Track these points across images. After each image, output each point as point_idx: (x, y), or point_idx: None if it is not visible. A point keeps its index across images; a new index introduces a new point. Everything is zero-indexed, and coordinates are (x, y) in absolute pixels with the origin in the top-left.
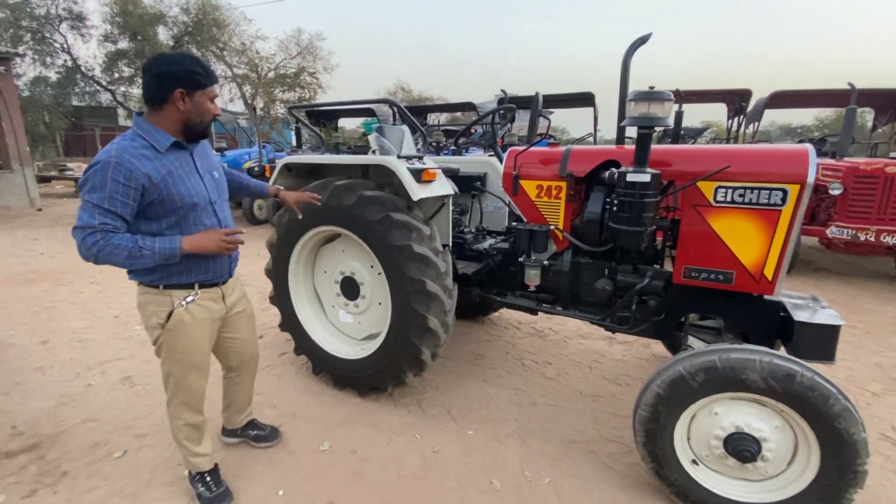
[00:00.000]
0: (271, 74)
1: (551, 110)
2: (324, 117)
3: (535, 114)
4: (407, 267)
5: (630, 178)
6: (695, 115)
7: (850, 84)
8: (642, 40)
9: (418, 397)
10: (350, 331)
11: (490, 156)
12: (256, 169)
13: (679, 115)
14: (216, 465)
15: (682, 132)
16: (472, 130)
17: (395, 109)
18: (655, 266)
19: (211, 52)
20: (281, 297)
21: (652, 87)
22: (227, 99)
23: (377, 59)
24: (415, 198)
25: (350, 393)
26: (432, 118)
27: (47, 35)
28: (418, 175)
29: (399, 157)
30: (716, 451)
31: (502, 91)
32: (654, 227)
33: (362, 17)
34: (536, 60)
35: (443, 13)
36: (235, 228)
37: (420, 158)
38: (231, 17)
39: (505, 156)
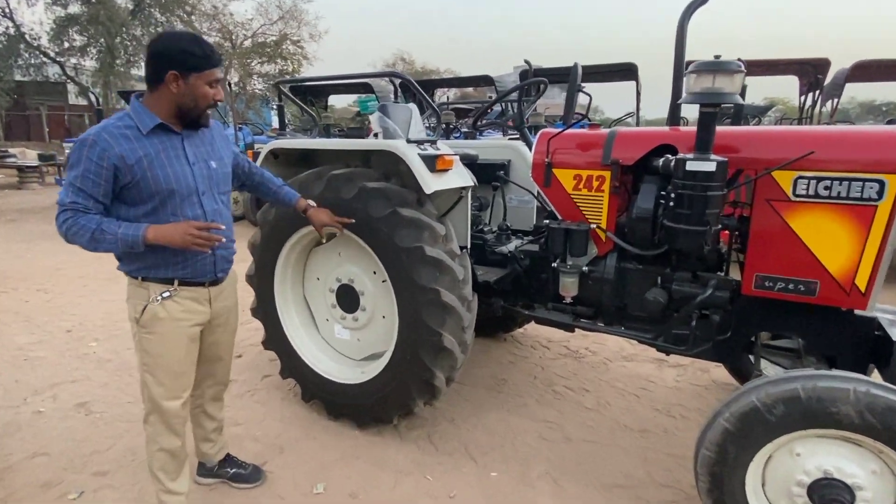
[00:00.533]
0: (248, 43)
1: (583, 85)
2: (311, 94)
3: (573, 89)
4: (417, 273)
5: (691, 166)
6: (756, 90)
7: None
8: (701, 1)
9: (429, 430)
10: (347, 349)
11: (512, 139)
12: None
13: (742, 91)
14: None
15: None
16: (490, 109)
17: (400, 85)
18: (719, 274)
19: (177, 16)
20: (265, 309)
21: (718, 57)
22: None
23: (372, 26)
24: (428, 190)
25: (347, 424)
26: (439, 95)
27: None
28: (432, 163)
29: (408, 141)
30: (798, 500)
31: (526, 62)
32: (720, 226)
33: None
34: (556, 30)
35: None
36: (213, 223)
37: (433, 143)
38: None
39: (535, 140)
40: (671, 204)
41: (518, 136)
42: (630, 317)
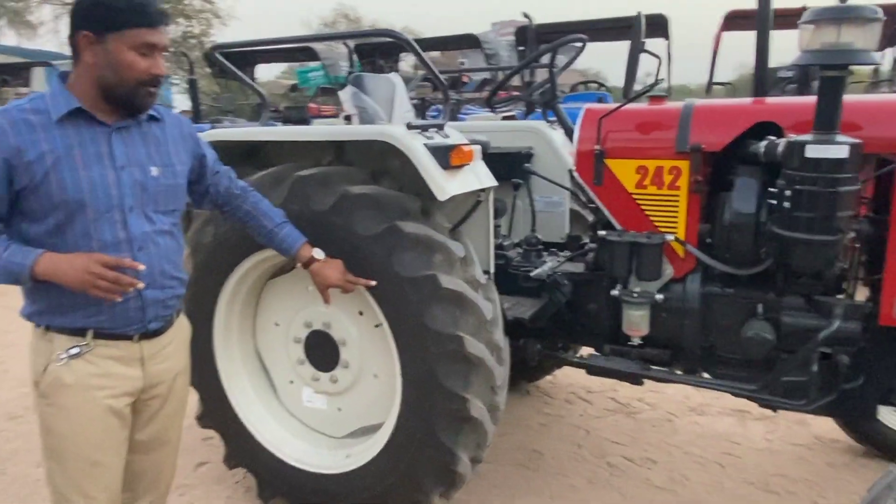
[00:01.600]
0: None
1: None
2: (233, 64)
3: (636, 49)
4: (430, 314)
5: (812, 152)
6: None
7: None
8: None
9: None
10: (322, 423)
11: (507, 118)
12: None
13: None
14: None
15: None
16: (467, 78)
17: (356, 49)
18: (844, 298)
19: None
20: (201, 371)
21: (844, 1)
22: (64, 36)
23: None
24: (442, 196)
25: None
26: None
27: None
28: (444, 157)
29: (408, 126)
30: None
31: (525, 15)
32: (855, 233)
33: None
34: None
35: None
36: (126, 260)
37: (440, 127)
38: None
39: (579, 120)
40: (785, 205)
41: (509, 113)
42: (721, 360)
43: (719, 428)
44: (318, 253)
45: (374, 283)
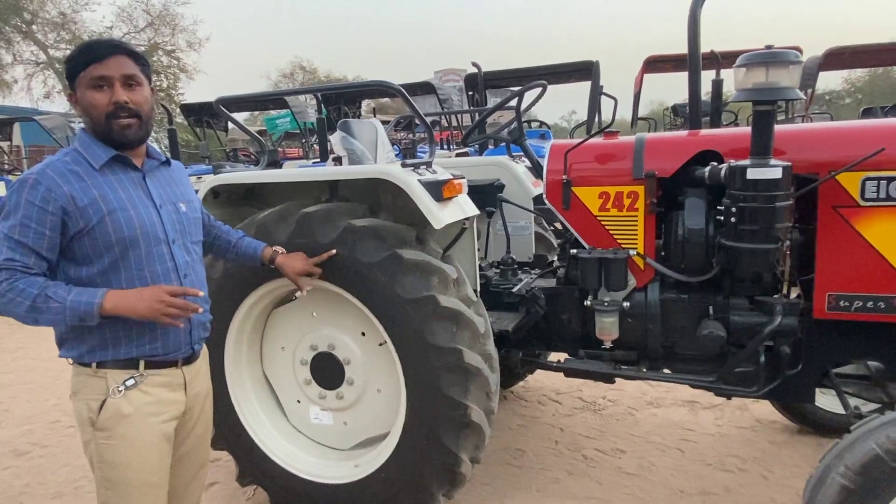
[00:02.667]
0: None
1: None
2: (207, 114)
3: (595, 91)
4: (430, 330)
5: (752, 174)
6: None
7: None
8: None
9: None
10: (330, 438)
11: (460, 154)
12: None
13: (718, 86)
14: None
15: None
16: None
17: (324, 98)
18: (783, 297)
19: (13, 26)
20: (213, 394)
21: (769, 47)
22: (38, 93)
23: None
24: (437, 224)
25: None
26: (366, 108)
27: None
28: (437, 190)
29: (403, 164)
30: None
31: (474, 64)
32: (789, 241)
33: None
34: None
35: None
36: (189, 289)
37: (429, 165)
38: None
39: (546, 154)
40: (731, 220)
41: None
42: (680, 357)
43: (675, 418)
44: (278, 249)
45: (334, 251)
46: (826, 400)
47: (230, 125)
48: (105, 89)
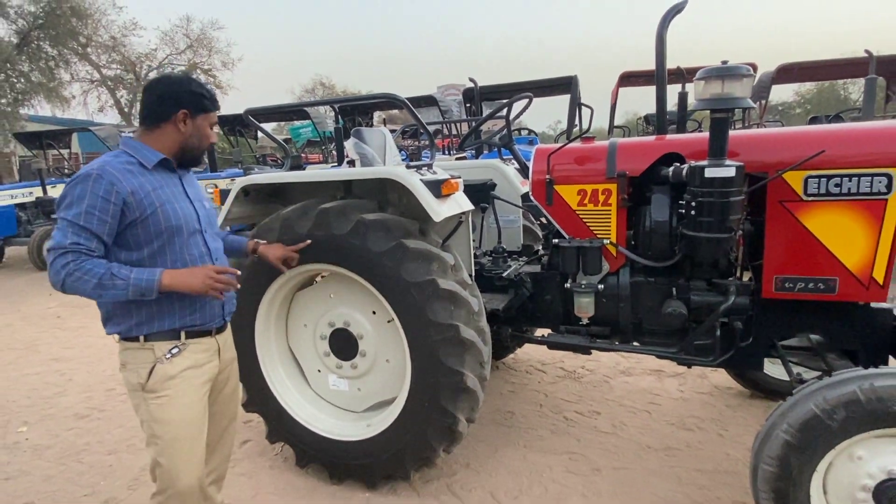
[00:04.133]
0: (153, 74)
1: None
2: (239, 124)
3: (574, 102)
4: (432, 309)
5: (710, 173)
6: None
7: (867, 51)
8: (677, 9)
9: (447, 481)
10: (346, 402)
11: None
12: None
13: (683, 98)
14: None
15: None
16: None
17: (341, 110)
18: (736, 279)
19: (70, 49)
20: (246, 365)
21: (725, 62)
22: (93, 108)
23: (288, 51)
24: (437, 218)
25: (355, 487)
26: (377, 119)
27: None
28: (437, 188)
29: (408, 166)
30: None
31: (471, 80)
32: (741, 231)
33: (267, 3)
34: (478, 46)
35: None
36: (228, 267)
37: (430, 167)
38: (95, 6)
39: (532, 157)
40: (692, 213)
41: (462, 154)
42: (647, 332)
43: (643, 385)
44: (259, 241)
45: (308, 242)
46: (773, 369)
47: (260, 133)
48: (213, 131)
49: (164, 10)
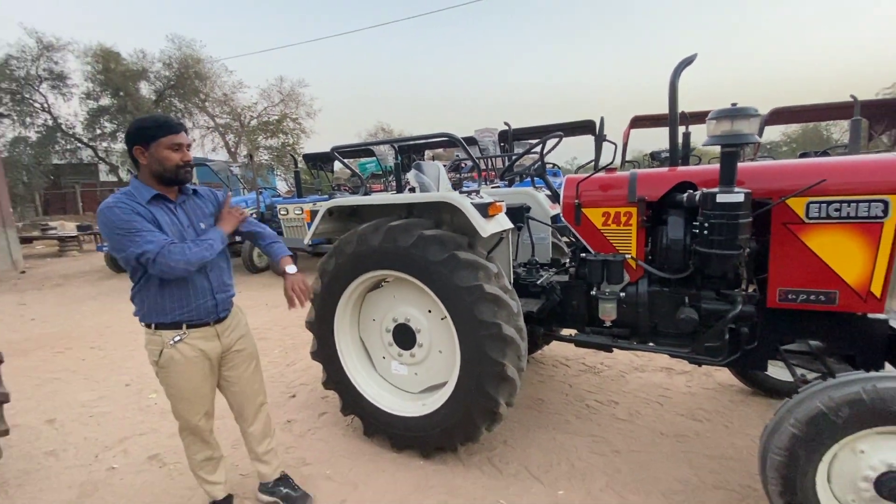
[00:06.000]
0: (254, 122)
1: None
2: (321, 160)
3: (600, 138)
4: (478, 309)
5: (721, 198)
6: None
7: (852, 96)
8: (688, 61)
9: (488, 455)
10: (405, 384)
11: (504, 184)
12: (254, 216)
13: (686, 137)
14: (230, 495)
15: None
16: (464, 164)
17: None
18: (743, 290)
19: (193, 103)
20: (326, 352)
21: (734, 104)
22: (208, 148)
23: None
24: (484, 234)
25: (411, 455)
26: (427, 155)
27: (27, 96)
28: (485, 210)
29: (460, 192)
30: (865, 493)
31: (505, 124)
32: (748, 248)
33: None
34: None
35: (416, 59)
36: (237, 207)
37: (478, 192)
38: (212, 70)
39: (562, 185)
40: (705, 232)
41: (498, 184)
42: (663, 334)
43: (655, 380)
44: (290, 269)
45: (309, 299)
46: (773, 369)
47: (335, 167)
48: (177, 151)
49: (265, 72)
